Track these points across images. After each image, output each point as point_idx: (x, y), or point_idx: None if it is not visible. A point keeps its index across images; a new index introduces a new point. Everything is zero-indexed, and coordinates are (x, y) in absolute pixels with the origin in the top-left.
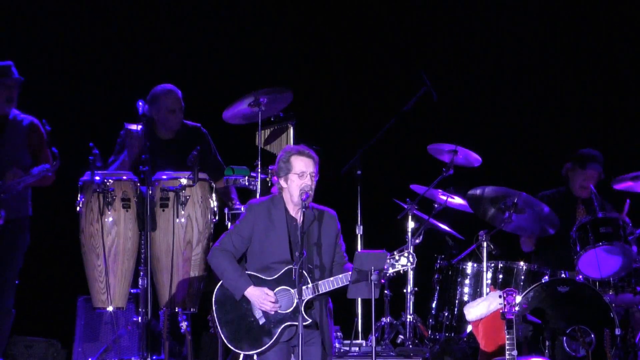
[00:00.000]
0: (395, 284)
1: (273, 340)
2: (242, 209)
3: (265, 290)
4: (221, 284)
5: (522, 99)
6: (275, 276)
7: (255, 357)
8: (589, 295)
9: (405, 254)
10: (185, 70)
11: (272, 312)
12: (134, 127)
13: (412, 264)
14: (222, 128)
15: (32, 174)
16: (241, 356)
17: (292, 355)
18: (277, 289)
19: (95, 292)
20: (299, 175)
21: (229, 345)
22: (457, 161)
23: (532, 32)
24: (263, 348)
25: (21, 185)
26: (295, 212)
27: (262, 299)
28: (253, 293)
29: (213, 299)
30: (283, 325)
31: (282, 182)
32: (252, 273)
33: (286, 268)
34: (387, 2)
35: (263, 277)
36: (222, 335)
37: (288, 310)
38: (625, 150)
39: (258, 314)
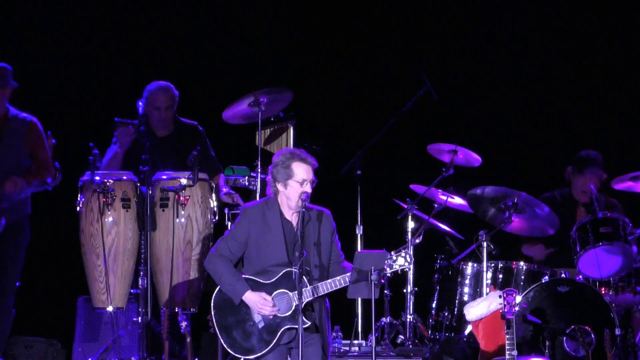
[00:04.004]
0: (395, 284)
1: (273, 343)
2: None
3: (263, 295)
4: (219, 288)
5: (522, 99)
6: (273, 279)
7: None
8: (589, 295)
9: (403, 254)
10: (185, 70)
11: (271, 317)
12: (123, 120)
13: (409, 263)
14: (222, 128)
15: (33, 185)
16: (242, 359)
17: (289, 357)
18: (275, 292)
19: (95, 292)
20: (300, 183)
21: (230, 351)
22: (457, 161)
23: (532, 31)
24: (264, 352)
25: (22, 196)
26: (290, 214)
27: (260, 304)
28: (251, 298)
29: (212, 304)
30: (283, 329)
31: (279, 186)
32: (250, 277)
33: (284, 271)
34: (388, 2)
35: (261, 280)
36: (221, 340)
37: (287, 313)
38: (625, 150)
39: (257, 318)
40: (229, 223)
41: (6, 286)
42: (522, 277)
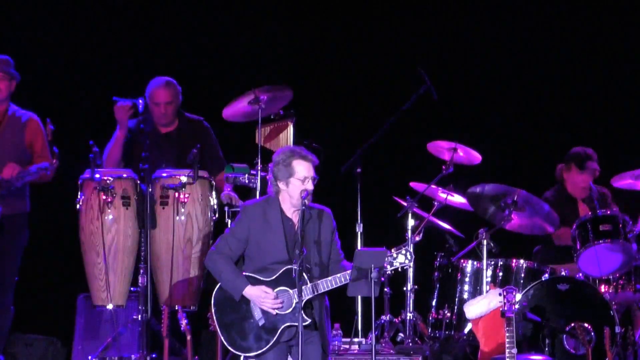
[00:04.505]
0: (395, 281)
1: (273, 341)
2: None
3: (264, 288)
4: (220, 286)
5: (522, 97)
6: (273, 277)
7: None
8: (589, 293)
9: (403, 252)
10: (185, 68)
11: (273, 312)
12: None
13: (410, 261)
14: (222, 125)
15: (30, 172)
16: (241, 357)
17: (290, 354)
18: (275, 290)
19: (95, 289)
20: (301, 181)
21: (230, 348)
22: (457, 159)
23: (532, 29)
24: (264, 349)
25: (20, 182)
26: (291, 212)
27: (261, 298)
28: (252, 292)
29: (212, 302)
30: (283, 326)
31: (281, 184)
32: (250, 274)
33: (284, 269)
34: (387, 1)
35: (261, 278)
36: (222, 338)
37: (287, 311)
38: (625, 148)
39: (257, 315)
40: (229, 221)
41: (5, 284)
42: (522, 275)
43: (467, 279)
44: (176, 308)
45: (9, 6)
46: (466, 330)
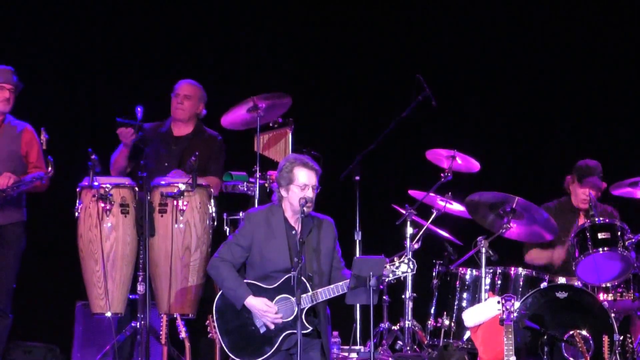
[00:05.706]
0: (394, 289)
1: (274, 349)
2: (241, 214)
3: (266, 301)
4: (222, 293)
5: (521, 104)
6: (275, 285)
7: None
8: (588, 301)
9: (406, 261)
10: (184, 76)
11: (272, 327)
12: (124, 121)
13: (412, 270)
14: (221, 133)
15: (25, 181)
16: None
17: None
18: (276, 298)
19: (94, 297)
20: (301, 188)
21: (230, 355)
22: (455, 167)
23: (532, 37)
24: (264, 357)
25: (15, 192)
26: (294, 221)
27: (263, 311)
28: (253, 304)
29: (214, 308)
30: (284, 334)
31: (282, 191)
32: (252, 281)
33: (286, 276)
34: (386, 9)
35: (263, 285)
36: (223, 345)
37: (288, 319)
38: (623, 156)
39: (259, 323)
40: (228, 229)
41: (2, 291)
42: (521, 282)
43: (465, 287)
44: (175, 316)
45: (6, 12)
46: (465, 338)
